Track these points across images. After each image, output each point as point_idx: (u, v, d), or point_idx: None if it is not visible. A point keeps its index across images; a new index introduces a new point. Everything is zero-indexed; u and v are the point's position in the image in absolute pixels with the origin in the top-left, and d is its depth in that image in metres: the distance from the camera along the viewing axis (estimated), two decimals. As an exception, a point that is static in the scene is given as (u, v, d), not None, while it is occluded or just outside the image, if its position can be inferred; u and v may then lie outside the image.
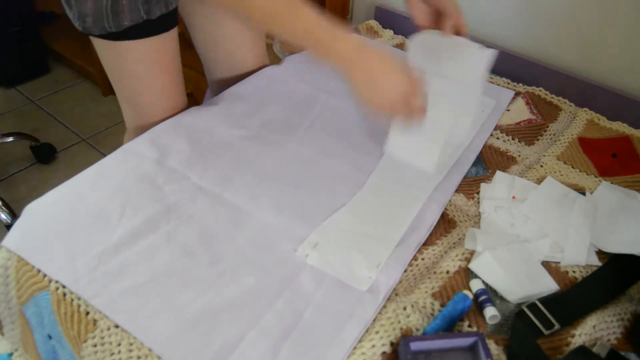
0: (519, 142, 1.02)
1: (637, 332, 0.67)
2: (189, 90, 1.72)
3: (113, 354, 0.64)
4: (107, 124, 1.98)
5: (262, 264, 0.72)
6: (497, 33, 1.29)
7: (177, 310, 0.66)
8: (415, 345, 0.61)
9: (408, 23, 1.39)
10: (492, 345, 0.64)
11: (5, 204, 1.55)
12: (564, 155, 0.98)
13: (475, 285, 0.71)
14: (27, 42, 2.10)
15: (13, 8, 2.02)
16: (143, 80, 0.92)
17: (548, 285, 0.72)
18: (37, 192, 0.80)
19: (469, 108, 0.90)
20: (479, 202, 0.86)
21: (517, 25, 1.25)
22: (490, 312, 0.67)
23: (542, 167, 0.95)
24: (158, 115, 0.96)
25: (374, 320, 0.67)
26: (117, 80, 0.94)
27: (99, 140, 1.92)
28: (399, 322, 0.66)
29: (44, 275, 0.70)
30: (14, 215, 1.53)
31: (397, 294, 0.71)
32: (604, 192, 0.88)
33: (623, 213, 0.83)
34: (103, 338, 0.65)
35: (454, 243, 0.79)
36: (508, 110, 1.10)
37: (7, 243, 0.74)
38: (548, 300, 0.69)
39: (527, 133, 1.04)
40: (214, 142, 0.92)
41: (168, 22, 0.88)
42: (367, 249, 0.75)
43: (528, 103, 1.11)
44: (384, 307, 0.69)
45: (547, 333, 0.66)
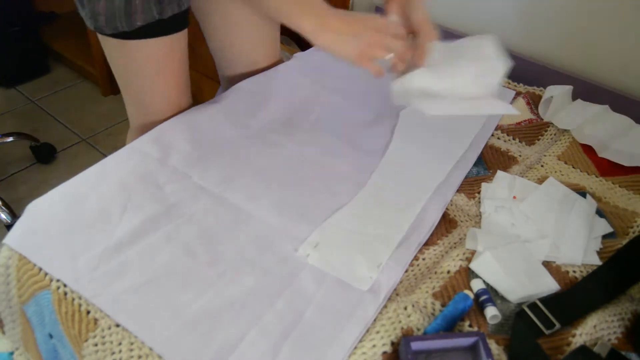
0: (520, 142, 1.02)
1: (637, 331, 0.67)
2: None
3: (114, 353, 0.64)
4: (107, 124, 1.98)
5: (262, 264, 0.72)
6: (497, 33, 1.29)
7: (177, 310, 0.66)
8: (416, 345, 0.61)
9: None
10: (492, 345, 0.64)
11: (5, 204, 1.56)
12: (565, 155, 0.98)
13: (476, 285, 0.71)
14: (27, 42, 2.11)
15: (13, 8, 2.03)
16: (151, 80, 0.92)
17: (548, 285, 0.72)
18: (37, 192, 0.80)
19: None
20: (480, 202, 0.86)
21: (517, 25, 1.25)
22: (491, 312, 0.67)
23: (542, 167, 0.95)
24: (163, 115, 0.97)
25: (375, 320, 0.67)
26: (124, 79, 0.94)
27: (99, 140, 1.92)
28: (400, 321, 0.66)
29: (45, 274, 0.70)
30: (14, 215, 1.53)
31: (397, 294, 0.71)
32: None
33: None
34: (104, 337, 0.65)
35: (455, 243, 0.79)
36: (508, 111, 1.10)
37: (8, 242, 0.74)
38: (549, 300, 0.69)
39: (527, 133, 1.04)
40: (215, 141, 0.92)
41: (179, 22, 0.89)
42: (367, 249, 0.75)
43: (529, 103, 1.12)
44: (385, 306, 0.69)
45: (547, 333, 0.66)
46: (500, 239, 0.77)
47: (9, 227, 1.50)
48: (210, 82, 1.82)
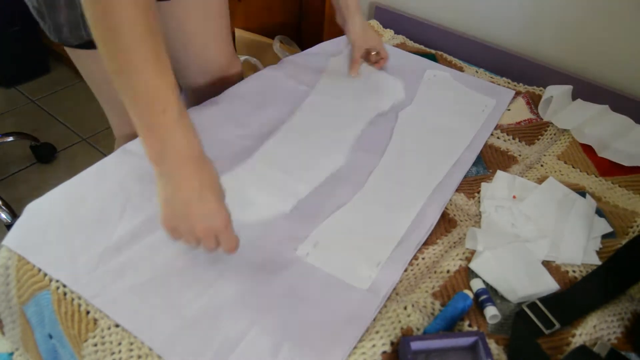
0: (520, 141, 1.02)
1: (637, 331, 0.67)
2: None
3: (113, 354, 0.64)
4: (107, 124, 1.96)
5: (262, 263, 0.72)
6: (497, 33, 1.29)
7: (177, 310, 0.66)
8: (416, 345, 0.61)
9: (408, 23, 1.40)
10: (492, 345, 0.64)
11: (5, 204, 1.55)
12: (565, 155, 0.98)
13: (476, 285, 0.71)
14: (27, 42, 2.10)
15: (13, 8, 2.02)
16: None
17: (548, 285, 0.72)
18: (37, 192, 0.80)
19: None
20: (480, 201, 0.86)
21: (517, 25, 1.25)
22: (491, 311, 0.67)
23: (542, 166, 0.95)
24: None
25: (375, 320, 0.67)
26: (99, 90, 0.93)
27: (99, 140, 1.92)
28: (400, 321, 0.66)
29: (45, 275, 0.70)
30: (14, 215, 1.53)
31: (397, 294, 0.71)
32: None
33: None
34: (103, 337, 0.65)
35: (455, 242, 0.79)
36: (508, 110, 1.10)
37: (7, 242, 0.74)
38: (548, 300, 0.69)
39: (527, 133, 1.04)
40: (214, 141, 0.92)
41: None
42: (367, 248, 0.75)
43: (528, 103, 1.12)
44: (385, 306, 0.69)
45: (547, 332, 0.66)
46: (500, 239, 0.77)
47: (9, 227, 1.50)
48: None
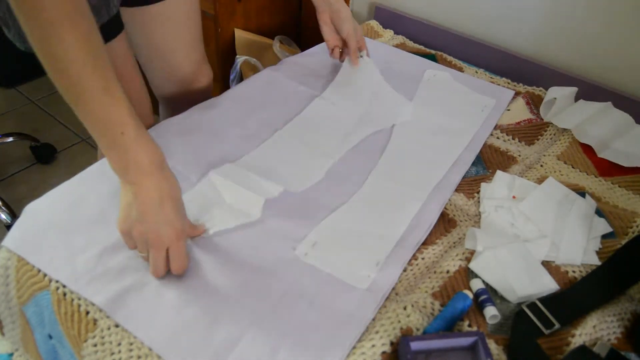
0: (519, 141, 1.02)
1: (637, 332, 0.67)
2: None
3: (113, 354, 0.64)
4: (107, 124, 1.98)
5: (260, 263, 0.72)
6: (497, 33, 1.29)
7: (176, 310, 0.66)
8: (416, 345, 0.61)
9: (408, 23, 1.40)
10: (492, 345, 0.64)
11: (5, 204, 1.56)
12: (564, 155, 0.98)
13: (476, 285, 0.71)
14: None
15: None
16: None
17: (548, 285, 0.72)
18: (37, 192, 0.80)
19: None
20: (479, 201, 0.86)
21: (516, 26, 1.25)
22: (491, 311, 0.67)
23: (542, 166, 0.95)
24: None
25: (374, 320, 0.67)
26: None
27: (99, 140, 1.92)
28: (399, 321, 0.66)
29: (44, 275, 0.70)
30: (14, 215, 1.53)
31: (397, 294, 0.71)
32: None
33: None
34: (103, 337, 0.65)
35: (454, 243, 0.79)
36: (508, 110, 1.10)
37: (7, 243, 0.74)
38: (548, 300, 0.69)
39: (527, 133, 1.04)
40: (214, 142, 0.92)
41: (113, 28, 0.87)
42: (366, 248, 0.75)
43: (528, 103, 1.12)
44: (384, 306, 0.69)
45: (547, 333, 0.66)
46: (500, 239, 0.77)
47: (9, 227, 1.50)
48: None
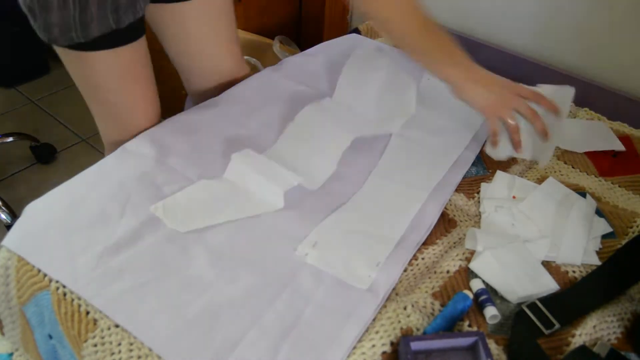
0: (519, 142, 1.02)
1: (637, 332, 0.67)
2: (184, 92, 1.72)
3: (113, 354, 0.64)
4: (107, 124, 1.98)
5: (261, 264, 0.72)
6: (497, 34, 1.29)
7: (177, 310, 0.66)
8: (416, 345, 0.61)
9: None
10: (492, 345, 0.64)
11: (5, 204, 1.56)
12: (565, 155, 0.98)
13: (476, 285, 0.71)
14: (27, 42, 2.11)
15: (13, 8, 2.02)
16: (114, 92, 0.90)
17: (548, 285, 0.72)
18: (37, 192, 0.80)
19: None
20: (479, 201, 0.86)
21: (517, 26, 1.25)
22: (491, 311, 0.67)
23: (542, 166, 0.95)
24: (132, 127, 0.94)
25: (374, 320, 0.67)
26: (88, 93, 0.92)
27: (99, 140, 1.90)
28: (399, 321, 0.66)
29: (45, 275, 0.70)
30: (14, 215, 1.53)
31: (397, 294, 0.71)
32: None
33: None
34: (103, 338, 0.65)
35: (454, 243, 0.79)
36: (508, 110, 1.10)
37: (7, 243, 0.74)
38: (548, 300, 0.69)
39: (527, 133, 1.04)
40: (214, 142, 0.92)
41: (136, 31, 0.87)
42: (366, 248, 0.75)
43: (528, 103, 1.11)
44: (384, 306, 0.69)
45: (547, 333, 0.66)
46: (500, 239, 0.77)
47: (9, 227, 1.50)
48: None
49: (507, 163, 0.96)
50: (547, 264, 0.76)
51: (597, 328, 0.67)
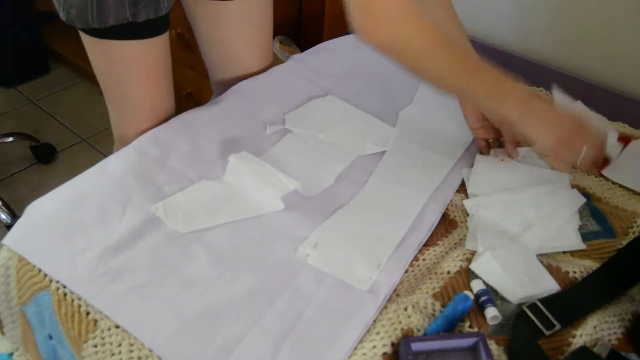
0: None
1: (638, 332, 0.67)
2: (189, 90, 1.73)
3: (114, 355, 0.64)
4: (107, 124, 1.96)
5: (262, 264, 0.72)
6: (497, 33, 1.29)
7: (177, 310, 0.66)
8: (416, 346, 0.61)
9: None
10: (493, 346, 0.64)
11: (5, 204, 1.56)
12: (565, 156, 0.98)
13: (476, 286, 0.71)
14: (27, 42, 2.11)
15: (13, 8, 2.02)
16: (125, 83, 0.90)
17: (549, 286, 0.72)
18: (37, 192, 0.80)
19: None
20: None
21: (517, 26, 1.25)
22: (491, 312, 0.67)
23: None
24: (136, 123, 0.94)
25: (375, 321, 0.67)
26: (102, 80, 0.93)
27: (99, 140, 1.92)
28: (400, 322, 0.66)
29: (45, 275, 0.70)
30: (14, 215, 1.53)
31: (398, 295, 0.71)
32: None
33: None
34: (104, 338, 0.65)
35: (455, 243, 0.79)
36: (508, 111, 1.09)
37: (8, 242, 0.74)
38: (549, 301, 0.69)
39: (527, 133, 1.04)
40: (215, 141, 0.92)
41: (155, 27, 0.87)
42: (367, 249, 0.75)
43: (528, 103, 1.11)
44: (385, 307, 0.69)
45: (548, 333, 0.66)
46: (500, 239, 0.77)
47: (9, 227, 1.50)
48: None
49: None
50: (547, 265, 0.76)
51: (597, 328, 0.67)
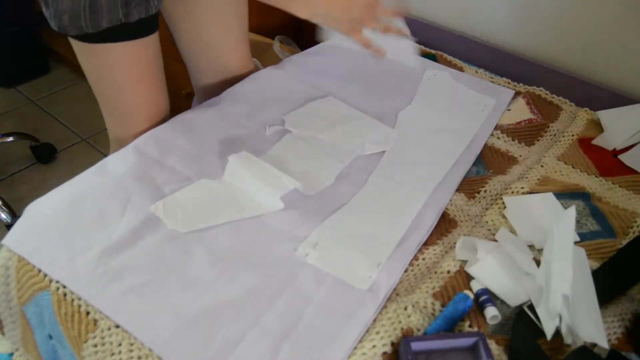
0: (520, 142, 1.02)
1: (637, 332, 0.67)
2: (189, 90, 1.72)
3: (114, 354, 0.64)
4: (107, 124, 1.98)
5: (262, 264, 0.72)
6: (497, 33, 1.29)
7: (177, 310, 0.66)
8: (416, 346, 0.61)
9: (409, 23, 1.39)
10: (493, 346, 0.64)
11: (5, 204, 1.55)
12: (565, 156, 0.98)
13: (476, 286, 0.71)
14: (27, 42, 2.10)
15: (13, 8, 2.02)
16: (119, 86, 0.90)
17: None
18: (37, 192, 0.80)
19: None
20: (479, 201, 0.86)
21: (517, 26, 1.25)
22: (491, 312, 0.67)
23: (542, 167, 0.95)
24: (133, 126, 0.94)
25: (375, 320, 0.67)
26: (95, 86, 0.92)
27: (99, 140, 1.92)
28: (400, 322, 0.66)
29: (45, 275, 0.70)
30: (14, 215, 1.53)
31: (397, 294, 0.71)
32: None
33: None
34: (104, 338, 0.65)
35: (455, 243, 0.79)
36: (509, 110, 1.10)
37: (8, 243, 0.74)
38: (549, 300, 0.69)
39: (527, 133, 1.04)
40: (214, 142, 0.92)
41: (147, 27, 0.87)
42: (367, 249, 0.75)
43: (529, 103, 1.11)
44: (385, 307, 0.69)
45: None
46: (498, 244, 0.77)
47: (9, 227, 1.50)
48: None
49: (507, 164, 0.96)
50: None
51: (597, 328, 0.67)
